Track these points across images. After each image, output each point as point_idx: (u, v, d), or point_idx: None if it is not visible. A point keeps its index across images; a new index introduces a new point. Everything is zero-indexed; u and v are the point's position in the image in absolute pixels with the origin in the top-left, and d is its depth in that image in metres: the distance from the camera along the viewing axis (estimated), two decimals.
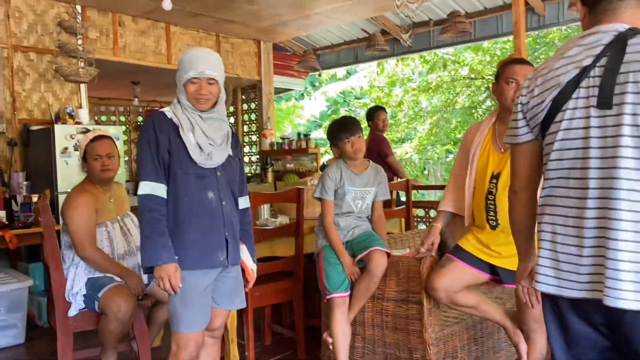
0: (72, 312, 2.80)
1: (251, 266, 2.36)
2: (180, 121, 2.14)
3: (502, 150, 2.43)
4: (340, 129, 2.87)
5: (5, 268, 4.24)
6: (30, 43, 4.89)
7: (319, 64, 7.81)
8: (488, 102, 12.18)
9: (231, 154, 2.25)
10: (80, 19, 4.86)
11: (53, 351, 3.11)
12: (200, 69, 2.10)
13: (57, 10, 5.02)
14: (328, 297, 2.76)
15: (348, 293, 2.77)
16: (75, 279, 2.83)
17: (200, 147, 2.13)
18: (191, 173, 2.13)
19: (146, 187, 2.11)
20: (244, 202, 2.37)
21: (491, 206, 2.44)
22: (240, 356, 3.13)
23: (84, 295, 2.81)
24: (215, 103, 2.20)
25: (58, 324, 2.84)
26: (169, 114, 2.17)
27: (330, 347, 2.77)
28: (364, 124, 4.86)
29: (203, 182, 2.15)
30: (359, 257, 2.75)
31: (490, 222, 2.45)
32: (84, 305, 2.81)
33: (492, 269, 2.46)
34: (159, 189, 2.12)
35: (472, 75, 12.14)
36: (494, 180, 2.43)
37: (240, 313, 3.11)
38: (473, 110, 12.64)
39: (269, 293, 3.27)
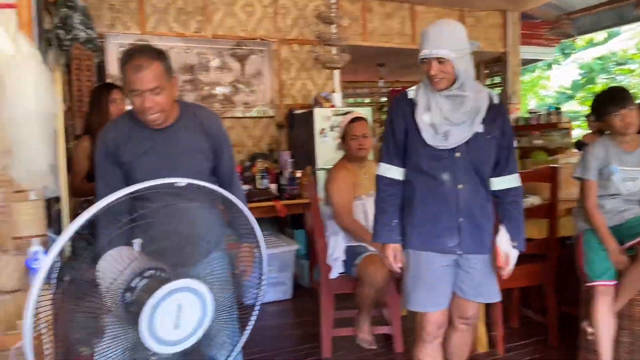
0: (333, 275, 3.14)
1: (505, 250, 2.14)
2: (418, 101, 2.09)
3: None
4: (609, 101, 2.58)
5: (276, 233, 4.94)
6: (293, 35, 5.52)
7: (573, 29, 7.07)
8: None
9: (480, 130, 2.06)
10: (335, 9, 5.28)
11: (315, 308, 3.53)
12: (427, 50, 1.98)
13: (316, 3, 5.56)
14: (589, 284, 2.55)
15: (614, 282, 2.51)
16: (335, 246, 3.16)
17: (435, 128, 2.04)
18: (424, 154, 2.07)
19: (379, 168, 2.18)
20: (505, 182, 2.14)
21: None
22: (487, 335, 3.12)
23: (343, 261, 3.12)
24: (454, 80, 2.03)
25: (321, 285, 3.21)
26: (411, 94, 2.13)
27: (590, 337, 2.56)
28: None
29: (437, 163, 2.06)
30: (628, 244, 2.46)
31: None
32: (342, 270, 3.12)
33: None
34: (389, 170, 2.15)
35: None
36: None
37: None
38: None
39: (518, 275, 3.11)
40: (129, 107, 1.91)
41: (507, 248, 2.12)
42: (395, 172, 2.16)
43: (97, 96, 3.02)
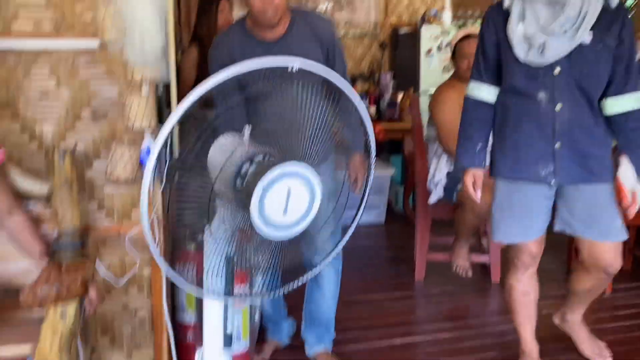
0: (432, 199, 3.04)
1: (630, 186, 1.83)
2: (512, 9, 1.83)
3: None
4: None
5: None
6: None
7: None
8: None
9: (587, 41, 1.76)
10: None
11: (408, 234, 3.49)
12: None
13: None
14: None
15: None
16: (437, 170, 3.03)
17: (530, 40, 1.78)
18: (517, 72, 1.84)
19: (468, 87, 2.01)
20: (624, 103, 1.82)
21: None
22: None
23: (444, 187, 3.00)
24: None
25: (418, 209, 3.14)
26: (506, 3, 1.86)
27: None
28: None
29: (533, 82, 1.83)
30: None
31: None
32: (442, 195, 3.01)
33: None
34: (478, 90, 1.97)
35: None
36: None
37: None
38: None
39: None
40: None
41: (633, 184, 1.83)
42: (484, 92, 1.96)
43: (205, 5, 3.02)
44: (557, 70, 1.79)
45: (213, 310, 1.18)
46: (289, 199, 0.97)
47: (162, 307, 1.97)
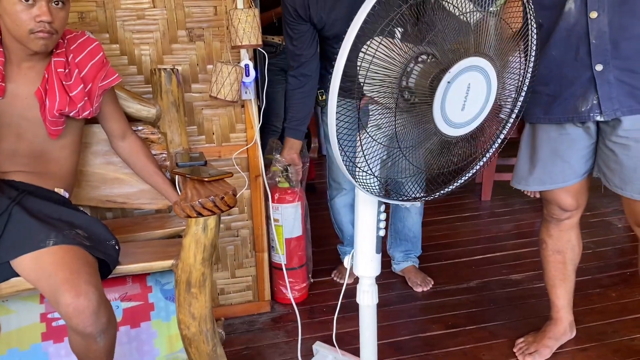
0: None
1: None
2: None
3: None
4: None
5: None
6: None
7: None
8: None
9: None
10: None
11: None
12: None
13: None
14: None
15: None
16: None
17: None
18: None
19: None
20: None
21: None
22: None
23: None
24: None
25: None
26: None
27: None
28: None
29: None
30: None
31: None
32: None
33: None
34: None
35: None
36: None
37: None
38: None
39: None
40: None
41: None
42: None
43: None
44: None
45: (367, 213, 1.19)
46: (468, 93, 0.95)
47: (263, 227, 2.02)
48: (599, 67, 1.38)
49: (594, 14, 1.35)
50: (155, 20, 1.77)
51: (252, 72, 1.83)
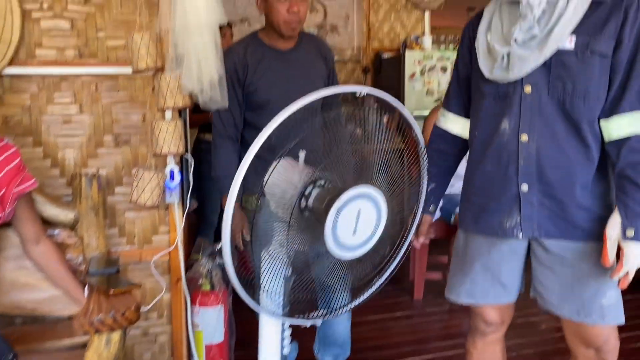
0: None
1: (613, 239, 1.34)
2: (483, 17, 1.50)
3: None
4: None
5: None
6: None
7: None
8: None
9: (568, 46, 1.32)
10: None
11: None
12: None
13: None
14: None
15: None
16: None
17: (494, 52, 1.41)
18: (486, 93, 1.46)
19: (439, 116, 1.69)
20: (619, 125, 1.33)
21: None
22: None
23: (441, 207, 3.07)
24: None
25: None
26: (487, 15, 1.49)
27: None
28: None
29: (499, 105, 1.44)
30: None
31: None
32: (439, 215, 3.09)
33: None
34: (443, 118, 1.65)
35: None
36: None
37: None
38: None
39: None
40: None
41: (614, 237, 1.34)
42: (450, 122, 1.62)
43: None
44: (528, 89, 1.38)
45: (270, 331, 1.20)
46: (359, 219, 1.01)
47: (182, 333, 1.96)
48: (524, 187, 1.42)
49: (524, 137, 1.40)
50: (82, 124, 1.80)
51: (177, 177, 1.86)
